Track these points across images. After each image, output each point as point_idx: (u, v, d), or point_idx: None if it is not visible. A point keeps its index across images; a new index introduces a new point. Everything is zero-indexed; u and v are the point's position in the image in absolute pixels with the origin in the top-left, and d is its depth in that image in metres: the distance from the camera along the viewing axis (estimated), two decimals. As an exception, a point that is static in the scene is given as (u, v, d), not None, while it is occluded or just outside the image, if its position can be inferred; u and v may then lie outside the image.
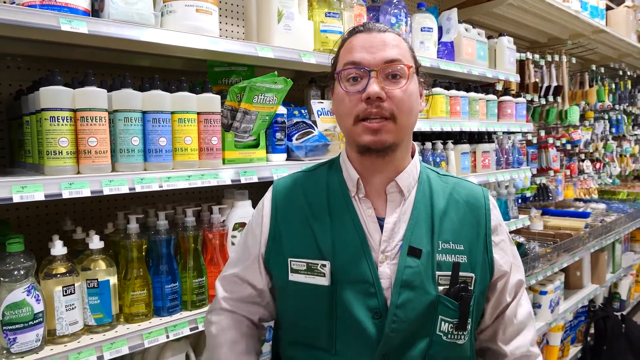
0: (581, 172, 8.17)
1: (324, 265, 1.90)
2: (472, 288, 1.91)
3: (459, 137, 4.53)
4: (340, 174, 2.05)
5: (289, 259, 1.97)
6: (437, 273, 1.88)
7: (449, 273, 1.89)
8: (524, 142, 6.53)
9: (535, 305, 5.46)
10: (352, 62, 1.86)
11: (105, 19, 2.30)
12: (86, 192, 2.16)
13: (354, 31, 1.96)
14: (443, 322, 1.87)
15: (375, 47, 1.85)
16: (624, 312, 7.15)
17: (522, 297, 2.11)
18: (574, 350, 6.29)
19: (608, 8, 7.69)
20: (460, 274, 1.89)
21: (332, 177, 2.06)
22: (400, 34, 1.96)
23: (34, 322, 2.14)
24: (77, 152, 2.23)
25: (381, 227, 1.93)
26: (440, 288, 1.88)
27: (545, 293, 5.41)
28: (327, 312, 1.90)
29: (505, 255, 2.04)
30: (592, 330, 6.39)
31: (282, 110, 3.09)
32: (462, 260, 1.91)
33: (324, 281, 1.90)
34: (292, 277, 1.96)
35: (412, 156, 2.05)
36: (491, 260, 1.98)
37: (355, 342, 1.87)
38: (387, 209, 1.96)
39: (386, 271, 1.88)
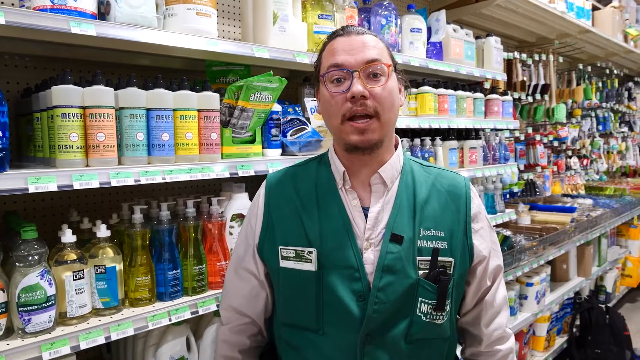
0: (568, 168, 8.27)
1: (311, 252, 2.05)
2: (451, 272, 2.06)
3: (447, 134, 4.66)
4: (328, 168, 2.20)
5: (279, 247, 2.12)
6: (418, 258, 2.03)
7: (429, 258, 2.03)
8: (512, 139, 6.62)
9: (522, 297, 5.56)
10: (335, 65, 2.00)
11: (112, 22, 2.43)
12: (95, 184, 2.30)
13: (333, 35, 2.10)
14: (422, 304, 2.01)
15: (355, 49, 2.00)
16: (610, 305, 7.20)
17: (500, 282, 2.26)
18: (560, 340, 6.38)
19: (595, 8, 7.77)
20: (440, 258, 2.04)
21: (321, 170, 2.21)
22: (377, 35, 2.11)
23: (47, 304, 2.27)
24: (87, 147, 2.37)
25: (366, 216, 2.08)
26: (421, 272, 2.02)
27: (531, 285, 5.51)
28: (315, 295, 2.06)
29: (484, 242, 2.18)
30: (577, 321, 6.46)
31: (277, 107, 3.22)
32: (442, 245, 2.06)
33: (311, 267, 2.05)
34: (282, 263, 2.12)
35: (396, 148, 2.20)
36: (471, 245, 2.12)
37: (341, 323, 2.02)
38: (371, 199, 2.11)
39: (370, 257, 2.03)
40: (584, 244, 6.59)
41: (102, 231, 2.52)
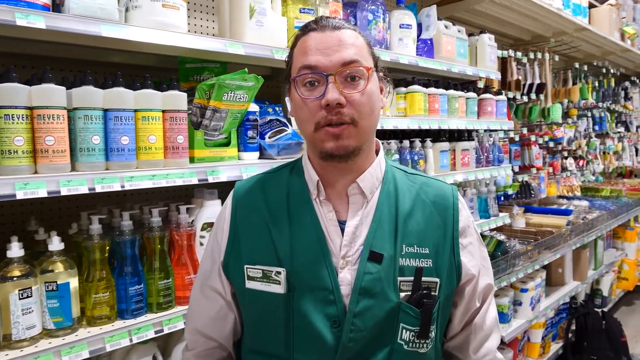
0: (564, 169, 8.18)
1: (279, 273, 1.83)
2: (435, 294, 1.85)
3: (438, 135, 4.50)
4: (301, 176, 1.97)
5: (245, 266, 1.90)
6: (399, 279, 1.81)
7: (412, 278, 1.82)
8: (507, 139, 6.50)
9: (516, 303, 5.45)
10: (308, 67, 1.77)
11: (65, 14, 2.24)
12: (42, 193, 2.10)
13: (306, 29, 1.86)
14: (404, 330, 1.80)
15: (330, 49, 1.76)
16: (605, 309, 7.16)
17: (490, 302, 2.06)
18: (555, 346, 6.30)
19: (591, 6, 7.67)
20: (424, 279, 1.82)
21: (294, 179, 1.99)
22: (356, 29, 1.88)
23: (-12, 326, 2.07)
24: (34, 152, 2.17)
25: (342, 230, 1.86)
26: (402, 294, 1.81)
27: (526, 290, 5.39)
28: (284, 321, 1.84)
29: (473, 259, 1.97)
30: (573, 327, 6.41)
31: (254, 107, 3.04)
32: (426, 264, 1.84)
33: (279, 289, 1.83)
34: (249, 284, 1.90)
35: (377, 154, 1.99)
36: (458, 263, 1.91)
37: (312, 351, 1.81)
38: (349, 211, 1.89)
39: (347, 277, 1.81)
40: (580, 247, 6.48)
41: (55, 244, 2.32)
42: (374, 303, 1.78)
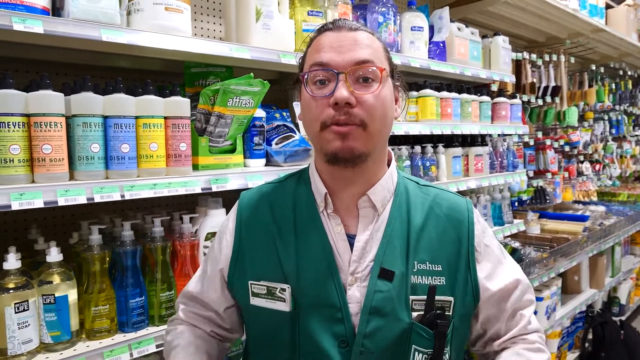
0: (580, 174, 8.09)
1: (284, 290, 1.76)
2: (450, 313, 1.76)
3: (450, 141, 4.42)
4: (308, 187, 1.90)
5: (250, 282, 1.83)
6: (411, 297, 1.73)
7: (425, 297, 1.74)
8: (521, 143, 6.42)
9: (532, 312, 5.35)
10: (319, 64, 1.70)
11: (64, 18, 2.18)
12: (39, 203, 2.04)
13: (322, 29, 1.80)
14: (417, 353, 1.71)
15: (345, 47, 1.70)
16: (623, 317, 7.08)
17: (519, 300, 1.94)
18: (572, 356, 6.21)
19: (608, 7, 7.62)
20: (437, 297, 1.74)
21: (300, 190, 1.92)
22: (374, 33, 1.81)
23: (-17, 341, 2.01)
24: (31, 160, 2.12)
25: (351, 245, 1.78)
26: (415, 314, 1.72)
27: (541, 299, 5.30)
28: (289, 339, 1.76)
29: (490, 274, 1.88)
30: (590, 336, 6.32)
31: (260, 113, 2.97)
32: (439, 282, 1.76)
33: (284, 306, 1.76)
34: (253, 301, 1.83)
35: (389, 165, 1.91)
36: (475, 281, 1.82)
37: None
38: (358, 225, 1.81)
39: (356, 295, 1.73)
40: (597, 254, 6.38)
41: (53, 255, 2.26)
42: (384, 323, 1.70)
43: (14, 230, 2.80)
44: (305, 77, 1.74)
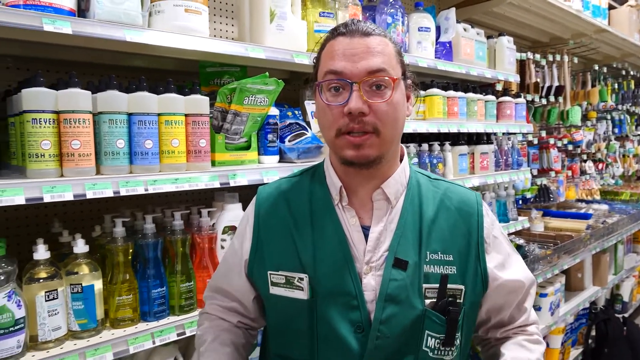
0: (583, 172, 8.13)
1: (302, 279, 1.85)
2: (461, 301, 1.85)
3: (456, 139, 4.49)
4: (323, 181, 1.98)
5: (269, 272, 1.91)
6: (424, 286, 1.81)
7: (437, 285, 1.82)
8: (525, 142, 6.48)
9: (535, 308, 5.36)
10: (333, 72, 1.77)
11: (91, 19, 2.26)
12: (69, 196, 2.13)
13: (335, 33, 1.85)
14: (429, 338, 1.80)
15: (357, 55, 1.75)
16: (626, 314, 7.10)
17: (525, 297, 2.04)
18: (575, 352, 6.25)
19: (611, 7, 7.64)
20: (449, 286, 1.82)
21: (315, 184, 1.99)
22: (387, 35, 1.86)
23: (15, 328, 2.11)
24: (61, 155, 2.20)
25: (366, 236, 1.86)
26: (427, 301, 1.81)
27: (545, 295, 5.34)
28: (308, 326, 1.85)
29: (499, 264, 1.96)
30: (593, 333, 6.35)
31: (274, 111, 3.05)
32: (451, 271, 1.84)
33: (302, 295, 1.85)
34: (273, 290, 1.91)
35: (402, 160, 1.98)
36: (484, 270, 1.90)
37: (338, 357, 1.82)
38: (373, 217, 1.89)
39: (371, 283, 1.81)
40: (600, 251, 6.41)
41: (80, 246, 2.35)
42: (399, 310, 1.78)
43: (35, 225, 2.89)
44: (320, 85, 1.81)
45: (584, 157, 8.28)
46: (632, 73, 9.41)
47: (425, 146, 4.11)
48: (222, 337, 2.03)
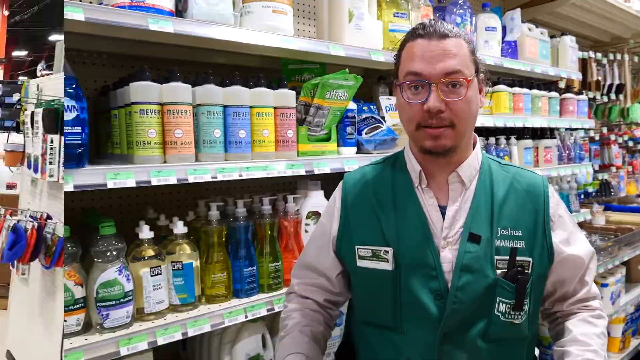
0: (644, 168, 8.11)
1: (387, 252, 2.02)
2: (529, 271, 2.00)
3: (521, 133, 4.60)
4: (404, 167, 2.15)
5: (356, 247, 2.09)
6: (496, 257, 1.97)
7: (507, 257, 1.98)
8: (587, 139, 6.48)
9: (598, 297, 5.42)
10: (413, 73, 1.93)
11: (189, 19, 2.45)
12: (172, 180, 2.33)
13: (415, 34, 2.00)
14: (501, 303, 1.96)
15: (435, 58, 1.90)
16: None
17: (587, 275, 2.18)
18: (635, 342, 6.18)
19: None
20: (518, 258, 1.98)
21: (397, 169, 2.17)
22: (461, 35, 2.00)
23: (125, 299, 2.30)
24: (164, 143, 2.39)
25: (443, 215, 2.04)
26: (499, 272, 1.97)
27: (606, 285, 5.37)
28: (392, 294, 2.02)
29: (565, 240, 2.10)
30: (654, 324, 6.31)
31: (352, 105, 3.20)
32: (519, 245, 2.00)
33: (387, 266, 2.02)
34: (360, 263, 2.09)
35: (474, 147, 2.15)
36: (550, 245, 2.05)
37: (419, 321, 1.99)
38: (449, 198, 2.06)
39: (448, 256, 1.98)
40: (661, 245, 6.37)
41: (179, 227, 2.55)
42: (473, 279, 1.95)
43: (128, 212, 3.08)
44: (401, 85, 1.98)
45: (645, 153, 8.25)
46: (692, 71, 9.34)
47: (492, 140, 4.23)
48: (302, 324, 2.18)
